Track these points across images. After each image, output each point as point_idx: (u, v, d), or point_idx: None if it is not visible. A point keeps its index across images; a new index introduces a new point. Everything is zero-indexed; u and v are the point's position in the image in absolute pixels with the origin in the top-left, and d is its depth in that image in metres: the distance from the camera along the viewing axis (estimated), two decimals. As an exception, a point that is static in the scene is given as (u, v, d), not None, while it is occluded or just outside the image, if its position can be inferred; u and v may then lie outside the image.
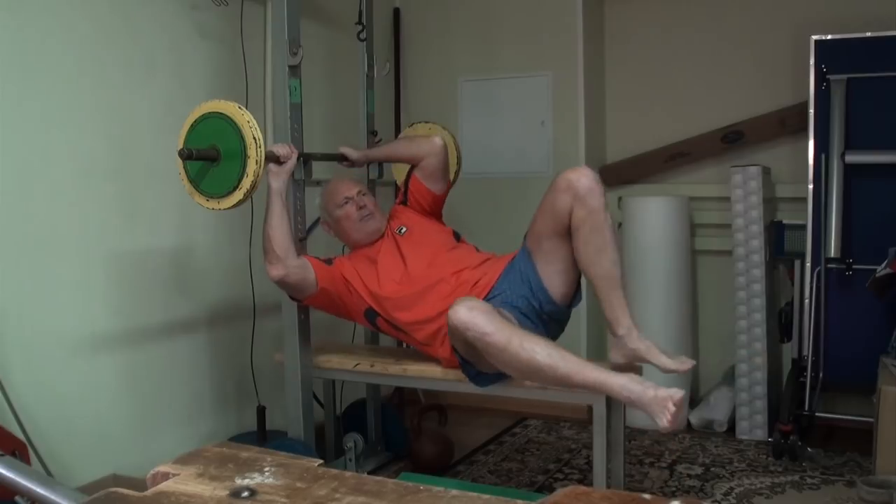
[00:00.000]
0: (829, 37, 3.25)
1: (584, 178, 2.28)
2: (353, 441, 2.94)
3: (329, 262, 2.63)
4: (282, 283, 2.49)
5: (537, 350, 2.12)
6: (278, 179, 2.44)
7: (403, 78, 4.11)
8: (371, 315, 2.62)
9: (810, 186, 3.27)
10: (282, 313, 2.70)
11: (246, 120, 2.18)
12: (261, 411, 2.97)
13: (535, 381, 2.25)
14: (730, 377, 3.59)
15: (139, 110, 2.73)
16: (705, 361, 3.83)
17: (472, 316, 2.15)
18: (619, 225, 3.79)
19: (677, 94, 3.81)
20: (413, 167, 2.85)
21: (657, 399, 2.02)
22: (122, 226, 2.68)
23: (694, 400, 3.72)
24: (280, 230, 2.43)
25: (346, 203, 2.71)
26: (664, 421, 2.01)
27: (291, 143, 2.53)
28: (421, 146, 2.82)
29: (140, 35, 2.73)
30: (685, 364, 2.27)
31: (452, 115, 3.98)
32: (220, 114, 2.22)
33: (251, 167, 2.17)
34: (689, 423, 3.59)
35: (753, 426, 3.41)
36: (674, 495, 2.81)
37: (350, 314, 2.68)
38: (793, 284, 3.43)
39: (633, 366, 2.36)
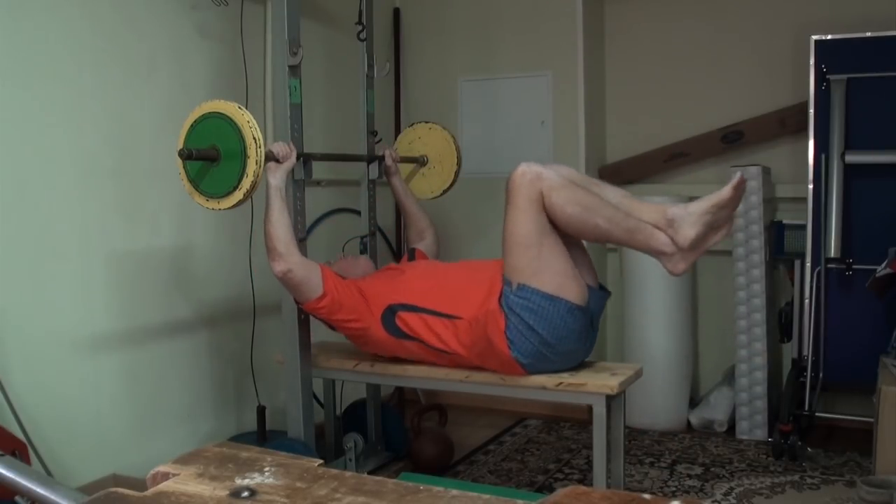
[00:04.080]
0: (829, 37, 3.25)
1: (517, 176, 2.32)
2: (353, 441, 2.94)
3: (343, 278, 2.61)
4: (286, 280, 2.45)
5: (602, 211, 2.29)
6: (276, 176, 2.42)
7: (403, 78, 4.11)
8: (390, 314, 2.51)
9: (810, 186, 3.27)
10: (282, 313, 2.69)
11: (246, 120, 2.18)
12: (261, 411, 2.97)
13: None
14: (730, 377, 3.59)
15: (139, 110, 2.73)
16: (705, 361, 3.83)
17: (541, 170, 2.29)
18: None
19: (677, 94, 3.81)
20: (413, 244, 3.03)
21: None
22: (122, 226, 2.68)
23: (694, 400, 3.72)
24: (281, 226, 2.42)
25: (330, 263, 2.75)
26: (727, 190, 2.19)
27: (291, 142, 2.53)
28: (430, 228, 3.04)
29: (140, 35, 2.73)
30: (737, 177, 2.23)
31: (452, 115, 3.98)
32: (220, 114, 2.22)
33: (251, 167, 2.17)
34: (689, 423, 3.59)
35: (753, 426, 3.42)
36: (674, 495, 2.81)
37: (362, 324, 2.55)
38: (793, 284, 3.43)
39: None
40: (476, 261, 2.63)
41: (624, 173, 3.90)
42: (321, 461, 0.97)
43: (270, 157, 2.40)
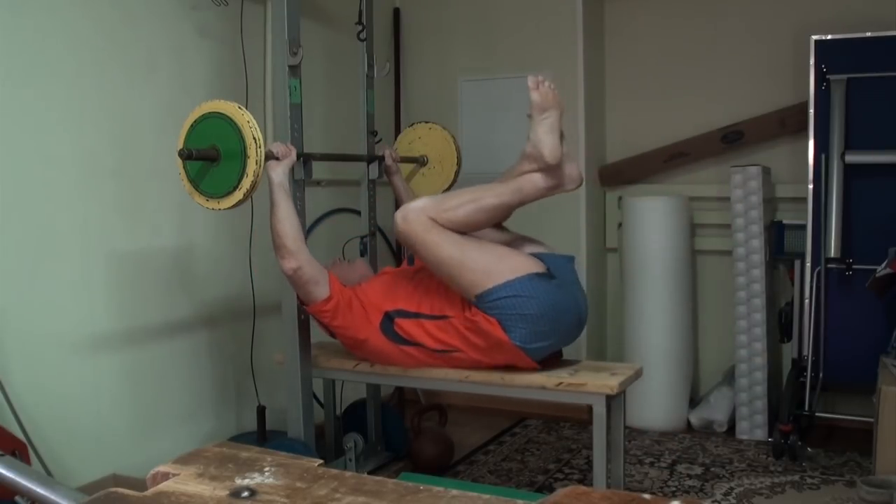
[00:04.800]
0: (829, 37, 3.25)
1: (399, 223, 2.39)
2: (353, 441, 2.94)
3: (343, 285, 2.62)
4: (295, 277, 2.44)
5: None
6: (277, 172, 2.41)
7: (403, 78, 4.11)
8: (388, 321, 2.52)
9: (810, 186, 3.27)
10: (282, 313, 2.69)
11: (246, 120, 2.18)
12: (261, 411, 2.97)
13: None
14: (730, 377, 3.59)
15: (139, 110, 2.73)
16: (705, 361, 3.83)
17: (411, 206, 2.40)
18: (619, 225, 3.79)
19: (677, 93, 3.81)
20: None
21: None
22: (122, 226, 2.68)
23: (694, 400, 3.72)
24: (288, 223, 2.41)
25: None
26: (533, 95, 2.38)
27: (291, 143, 2.53)
28: None
29: (140, 35, 2.73)
30: (528, 80, 2.42)
31: (452, 115, 3.97)
32: (220, 114, 2.22)
33: (251, 167, 2.17)
34: (689, 423, 3.59)
35: (753, 426, 3.42)
36: (674, 495, 2.81)
37: (363, 334, 2.55)
38: (793, 284, 3.43)
39: None
40: None
41: (624, 173, 3.90)
42: (321, 461, 0.97)
43: (270, 156, 2.40)
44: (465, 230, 2.39)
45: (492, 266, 2.34)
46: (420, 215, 2.35)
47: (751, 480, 2.93)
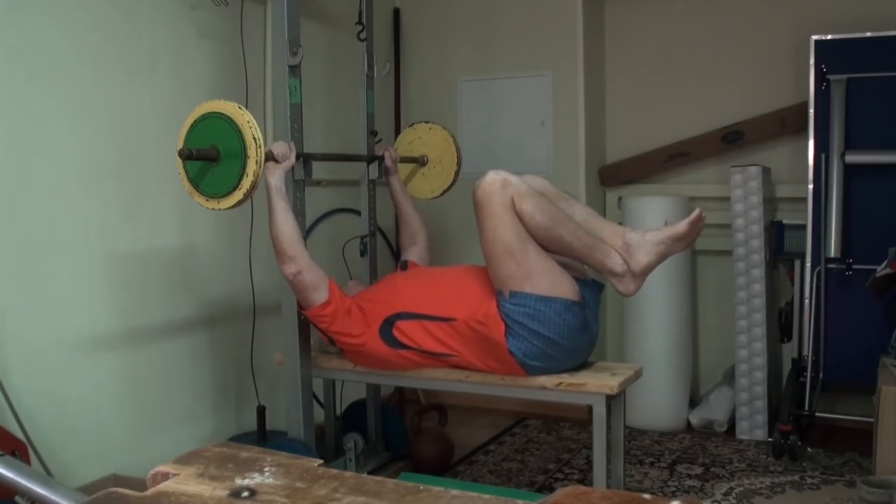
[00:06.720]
0: (829, 37, 3.25)
1: (485, 185, 2.31)
2: (353, 441, 2.94)
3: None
4: (296, 282, 2.45)
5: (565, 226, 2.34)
6: (275, 175, 2.41)
7: (403, 78, 4.11)
8: (388, 325, 2.50)
9: (810, 186, 3.27)
10: (282, 313, 2.69)
11: (246, 120, 2.18)
12: (261, 411, 2.97)
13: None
14: (730, 377, 3.59)
15: (139, 110, 2.73)
16: (705, 361, 3.83)
17: (508, 176, 2.30)
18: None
19: (677, 94, 3.81)
20: (405, 250, 3.02)
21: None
22: (122, 226, 2.68)
23: (694, 400, 3.72)
24: (287, 228, 2.42)
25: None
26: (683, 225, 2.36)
27: (292, 142, 2.52)
28: (423, 231, 3.02)
29: (140, 35, 2.73)
30: (694, 213, 2.37)
31: (452, 115, 3.97)
32: (220, 114, 2.21)
33: (251, 167, 2.17)
34: (689, 423, 3.59)
35: (753, 426, 3.42)
36: (674, 495, 2.81)
37: (361, 339, 2.54)
38: (793, 284, 3.43)
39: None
40: (467, 265, 2.63)
41: (624, 173, 3.90)
42: (321, 461, 0.97)
43: (270, 157, 2.40)
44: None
45: (537, 274, 2.31)
46: (507, 189, 2.28)
47: (751, 480, 2.93)
